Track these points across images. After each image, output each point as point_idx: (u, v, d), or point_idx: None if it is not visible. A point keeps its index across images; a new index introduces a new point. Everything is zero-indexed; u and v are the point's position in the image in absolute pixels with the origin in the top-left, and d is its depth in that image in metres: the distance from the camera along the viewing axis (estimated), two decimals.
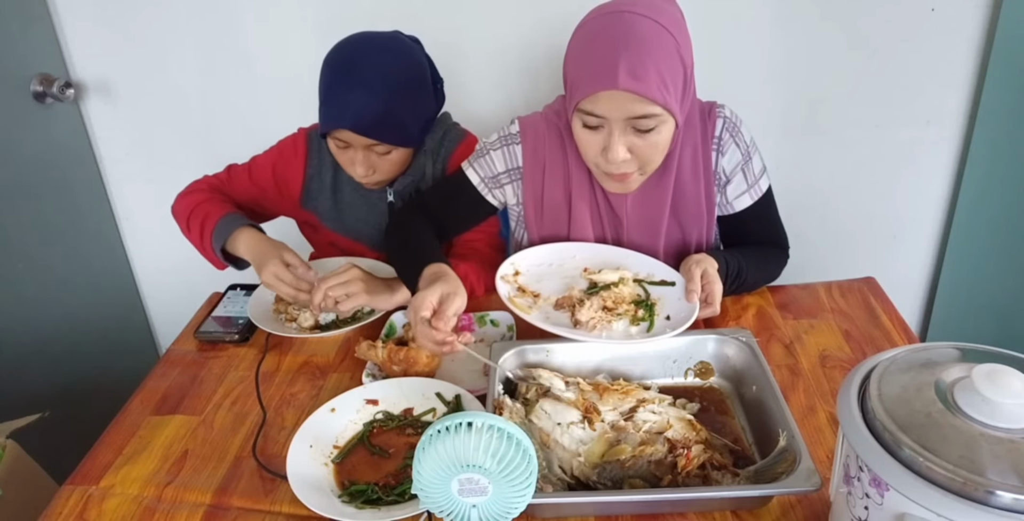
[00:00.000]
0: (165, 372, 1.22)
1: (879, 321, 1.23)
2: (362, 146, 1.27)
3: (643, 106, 1.05)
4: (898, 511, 0.65)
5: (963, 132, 1.73)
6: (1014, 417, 0.63)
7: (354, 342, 1.20)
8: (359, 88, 1.22)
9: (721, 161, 1.25)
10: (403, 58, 1.28)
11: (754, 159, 1.27)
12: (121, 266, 2.04)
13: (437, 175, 1.41)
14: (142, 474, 1.00)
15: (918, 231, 1.88)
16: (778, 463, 0.86)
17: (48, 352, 1.80)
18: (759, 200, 1.28)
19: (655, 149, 1.13)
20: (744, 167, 1.26)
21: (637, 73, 1.03)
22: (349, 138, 1.25)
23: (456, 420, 0.76)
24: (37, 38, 1.71)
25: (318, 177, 1.44)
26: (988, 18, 1.59)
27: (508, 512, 0.80)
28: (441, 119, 1.43)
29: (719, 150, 1.25)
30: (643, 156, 1.13)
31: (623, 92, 1.03)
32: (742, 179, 1.27)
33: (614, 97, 1.05)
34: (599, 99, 1.06)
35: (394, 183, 1.40)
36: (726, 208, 1.30)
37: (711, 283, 1.14)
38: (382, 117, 1.23)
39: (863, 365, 0.75)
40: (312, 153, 1.43)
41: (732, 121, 1.24)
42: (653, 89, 1.04)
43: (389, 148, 1.28)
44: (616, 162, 1.12)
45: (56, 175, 1.81)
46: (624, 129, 1.09)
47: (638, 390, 0.99)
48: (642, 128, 1.08)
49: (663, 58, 1.05)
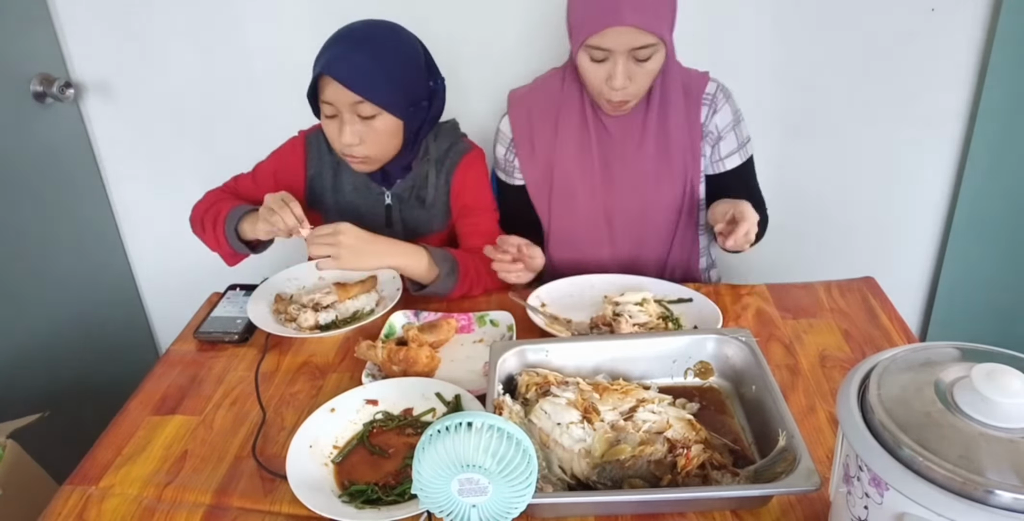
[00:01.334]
0: (165, 372, 1.22)
1: (879, 321, 1.23)
2: (347, 106, 1.26)
3: (644, 37, 1.20)
4: (898, 511, 0.65)
5: (963, 132, 1.73)
6: (1013, 417, 0.63)
7: (353, 342, 1.20)
8: (348, 44, 1.25)
9: (714, 118, 1.39)
10: (400, 35, 1.30)
11: (742, 124, 1.41)
12: (121, 266, 2.04)
13: (440, 185, 1.42)
14: (142, 474, 1.00)
15: (918, 231, 1.88)
16: (778, 463, 0.86)
17: (48, 352, 1.80)
18: (745, 162, 1.42)
19: (649, 75, 1.28)
20: (735, 129, 1.40)
21: (638, 8, 1.18)
22: (333, 97, 1.25)
23: (456, 420, 0.76)
24: (37, 38, 1.71)
25: (319, 178, 1.44)
26: (988, 18, 1.59)
27: (508, 512, 0.80)
28: (449, 128, 1.45)
29: (711, 106, 1.39)
30: (639, 81, 1.27)
31: (628, 27, 1.19)
32: (734, 139, 1.41)
33: (620, 32, 1.20)
34: (606, 35, 1.20)
35: (392, 185, 1.40)
36: (718, 165, 1.42)
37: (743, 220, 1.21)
38: (366, 70, 1.24)
39: (863, 365, 0.75)
40: (311, 154, 1.44)
41: (722, 86, 1.40)
42: (653, 22, 1.20)
43: (374, 110, 1.26)
44: (619, 88, 1.26)
45: (56, 175, 1.81)
46: (627, 59, 1.24)
47: (638, 390, 0.99)
48: (641, 57, 1.24)
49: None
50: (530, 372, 1.04)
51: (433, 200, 1.43)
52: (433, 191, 1.42)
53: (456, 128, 1.47)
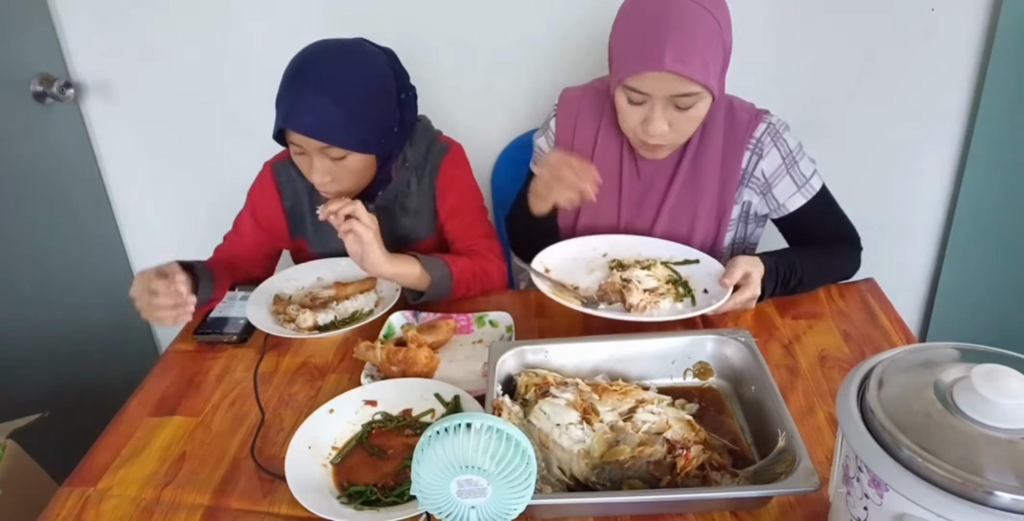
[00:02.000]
0: (163, 373, 1.22)
1: (878, 321, 1.23)
2: (315, 150, 1.22)
3: (686, 86, 1.14)
4: (897, 511, 0.65)
5: (963, 132, 1.73)
6: (1013, 417, 0.63)
7: (352, 343, 1.20)
8: (307, 89, 1.19)
9: (761, 165, 1.31)
10: (360, 64, 1.23)
11: (801, 163, 1.31)
12: (121, 266, 2.04)
13: (424, 191, 1.39)
14: (140, 475, 1.00)
15: (918, 231, 1.88)
16: (777, 463, 0.86)
17: (48, 352, 1.80)
18: (814, 198, 1.32)
19: (691, 123, 1.22)
20: (791, 170, 1.31)
21: (682, 56, 1.11)
22: (299, 141, 1.22)
23: (455, 421, 0.76)
24: (37, 38, 1.71)
25: (298, 206, 1.42)
26: (988, 18, 1.59)
27: (507, 513, 0.79)
28: (422, 130, 1.40)
29: (756, 152, 1.31)
30: (680, 129, 1.22)
31: (668, 73, 1.12)
32: (790, 182, 1.31)
33: (659, 78, 1.13)
34: (645, 78, 1.14)
35: (375, 198, 1.36)
36: (780, 210, 1.34)
37: (748, 286, 1.18)
38: (330, 118, 1.19)
39: (862, 365, 0.75)
40: (283, 185, 1.41)
41: (775, 127, 1.31)
42: (697, 71, 1.12)
43: (343, 153, 1.23)
44: (656, 134, 1.20)
45: (56, 175, 1.81)
46: (666, 105, 1.18)
47: (637, 390, 0.99)
48: (683, 105, 1.17)
49: (706, 41, 1.13)
50: (529, 373, 1.03)
51: (418, 207, 1.39)
52: (416, 198, 1.38)
53: (429, 127, 1.42)
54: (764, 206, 1.36)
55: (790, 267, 1.24)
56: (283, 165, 1.41)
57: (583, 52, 1.67)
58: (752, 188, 1.33)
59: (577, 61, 1.68)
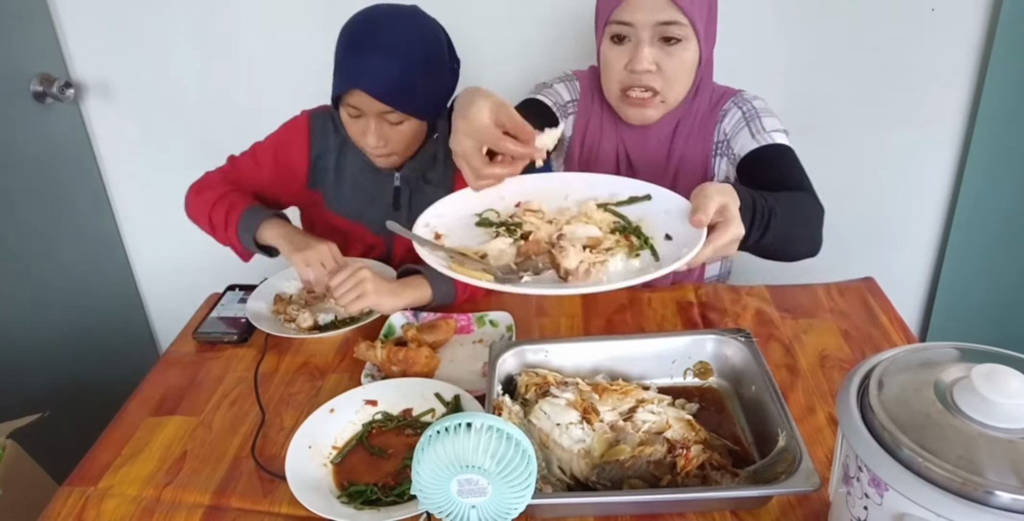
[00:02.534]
0: (164, 373, 1.22)
1: (878, 321, 1.23)
2: (374, 113, 1.24)
3: (671, 11, 1.12)
4: (897, 511, 0.65)
5: (963, 132, 1.73)
6: (1013, 417, 0.63)
7: (353, 343, 1.20)
8: (377, 52, 1.20)
9: (722, 126, 1.31)
10: (423, 28, 1.26)
11: (764, 119, 1.27)
12: (121, 266, 2.04)
13: (450, 165, 1.36)
14: (141, 475, 1.00)
15: (918, 231, 1.88)
16: (777, 463, 0.86)
17: (48, 352, 1.80)
18: (769, 146, 1.22)
19: (680, 67, 1.18)
20: (750, 123, 1.27)
21: None
22: (361, 104, 1.23)
23: (455, 421, 0.76)
24: (37, 38, 1.71)
25: (323, 158, 1.43)
26: (988, 18, 1.59)
27: (507, 513, 0.79)
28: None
29: (721, 119, 1.30)
30: (667, 73, 1.18)
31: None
32: (747, 133, 1.26)
33: (643, 2, 1.12)
34: (629, 4, 1.13)
35: (402, 168, 1.39)
36: (735, 159, 1.28)
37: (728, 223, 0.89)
38: (398, 82, 1.21)
39: (862, 365, 0.75)
40: (315, 134, 1.42)
41: (743, 96, 1.30)
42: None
43: (402, 117, 1.25)
44: (641, 70, 1.16)
45: (56, 175, 1.81)
46: (652, 38, 1.15)
47: (637, 390, 0.99)
48: (669, 35, 1.14)
49: None
50: (529, 372, 1.03)
51: (441, 179, 1.40)
52: (441, 169, 1.40)
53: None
54: (730, 167, 1.30)
55: (763, 198, 1.00)
56: (320, 116, 1.42)
57: (581, 51, 1.67)
58: (722, 155, 1.32)
59: (574, 59, 1.67)
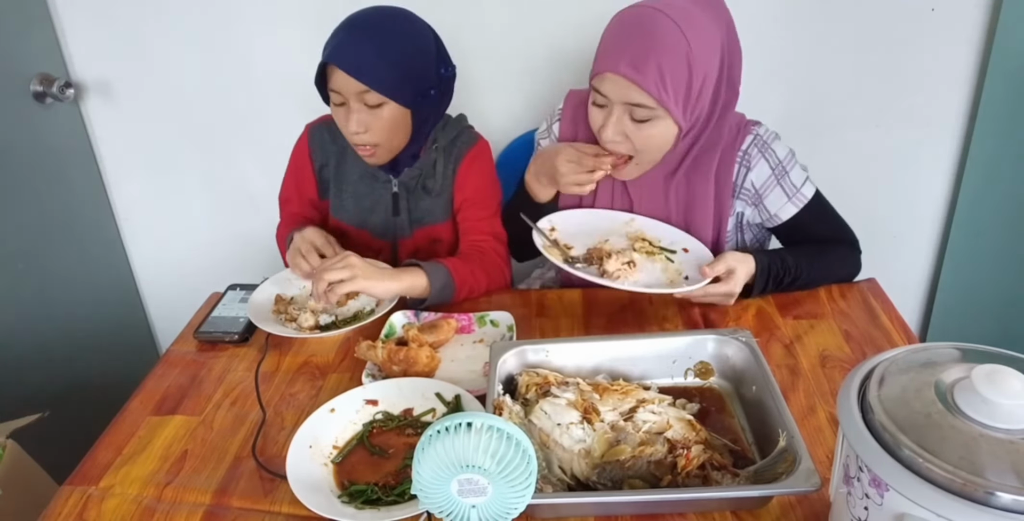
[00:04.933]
0: (165, 372, 1.22)
1: (879, 321, 1.23)
2: (353, 94, 1.26)
3: (638, 95, 1.15)
4: (898, 511, 0.65)
5: (963, 132, 1.73)
6: (1014, 418, 0.63)
7: (354, 342, 1.20)
8: (355, 34, 1.25)
9: (749, 176, 1.30)
10: (407, 22, 1.30)
11: (792, 173, 1.30)
12: (121, 266, 2.04)
13: (448, 175, 1.41)
14: (142, 474, 1.00)
15: (918, 231, 1.88)
16: (778, 463, 0.86)
17: (48, 352, 1.80)
18: (806, 206, 1.31)
19: (648, 141, 1.22)
20: (781, 181, 1.30)
21: (638, 64, 1.13)
22: (339, 85, 1.25)
23: (456, 420, 0.76)
24: (37, 38, 1.71)
25: (325, 168, 1.46)
26: (988, 18, 1.59)
27: (508, 512, 0.80)
28: (457, 119, 1.44)
29: (744, 164, 1.30)
30: (637, 144, 1.22)
31: (621, 77, 1.14)
32: (781, 192, 1.30)
33: (615, 81, 1.16)
34: (605, 80, 1.18)
35: (400, 174, 1.40)
36: (773, 220, 1.33)
37: (728, 281, 1.19)
38: (373, 60, 1.23)
39: (863, 365, 0.75)
40: (314, 146, 1.45)
41: (763, 138, 1.30)
42: (649, 82, 1.13)
43: (380, 99, 1.26)
44: (607, 140, 1.22)
45: (56, 175, 1.81)
46: (622, 113, 1.19)
47: (638, 390, 0.99)
48: (636, 117, 1.19)
49: (667, 58, 1.14)
50: (530, 372, 1.04)
51: (440, 189, 1.42)
52: (440, 180, 1.41)
53: (463, 119, 1.46)
54: (756, 216, 1.35)
55: (783, 266, 1.25)
56: (318, 128, 1.46)
57: (582, 53, 1.67)
58: (743, 199, 1.33)
59: (576, 62, 1.68)
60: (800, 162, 1.32)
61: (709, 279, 1.18)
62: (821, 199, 1.33)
